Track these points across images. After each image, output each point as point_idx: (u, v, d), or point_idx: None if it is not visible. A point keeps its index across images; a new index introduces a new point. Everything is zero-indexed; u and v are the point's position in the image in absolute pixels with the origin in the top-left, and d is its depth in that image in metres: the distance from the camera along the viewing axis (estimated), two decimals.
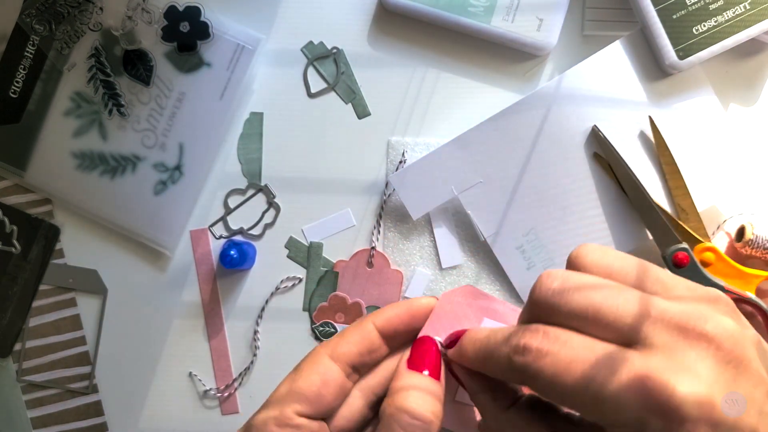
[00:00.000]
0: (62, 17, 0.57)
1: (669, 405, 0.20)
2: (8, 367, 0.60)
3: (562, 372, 0.22)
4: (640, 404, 0.20)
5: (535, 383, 0.23)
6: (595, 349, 0.22)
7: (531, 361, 0.23)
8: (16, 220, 0.59)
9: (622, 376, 0.21)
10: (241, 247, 0.56)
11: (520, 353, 0.23)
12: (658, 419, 0.20)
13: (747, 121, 0.57)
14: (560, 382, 0.22)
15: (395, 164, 0.57)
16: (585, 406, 0.22)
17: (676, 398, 0.20)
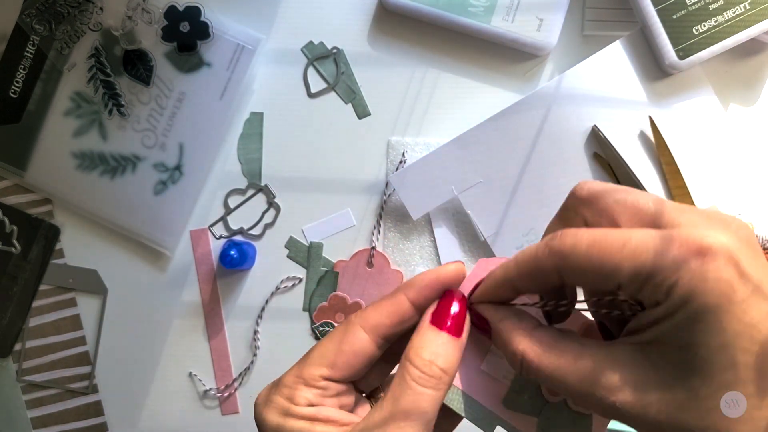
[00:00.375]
0: (62, 17, 0.57)
1: (704, 245, 0.22)
2: (8, 367, 0.60)
3: (600, 243, 0.24)
4: (677, 248, 0.23)
5: (573, 261, 0.24)
6: (629, 229, 0.24)
7: (568, 240, 0.25)
8: (16, 220, 0.59)
9: (655, 233, 0.23)
10: (241, 247, 0.56)
11: (556, 238, 0.25)
12: (693, 259, 0.22)
13: (747, 121, 0.57)
14: (598, 251, 0.24)
15: (395, 164, 0.57)
16: (621, 271, 0.23)
17: (709, 241, 0.23)
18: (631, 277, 0.23)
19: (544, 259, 0.25)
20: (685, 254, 0.23)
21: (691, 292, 0.22)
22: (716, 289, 0.22)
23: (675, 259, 0.23)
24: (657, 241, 0.23)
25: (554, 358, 0.25)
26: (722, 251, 0.22)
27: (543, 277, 0.26)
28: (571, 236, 0.25)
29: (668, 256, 0.23)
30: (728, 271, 0.22)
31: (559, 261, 0.25)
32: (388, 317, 0.30)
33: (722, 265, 0.22)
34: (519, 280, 0.27)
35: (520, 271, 0.27)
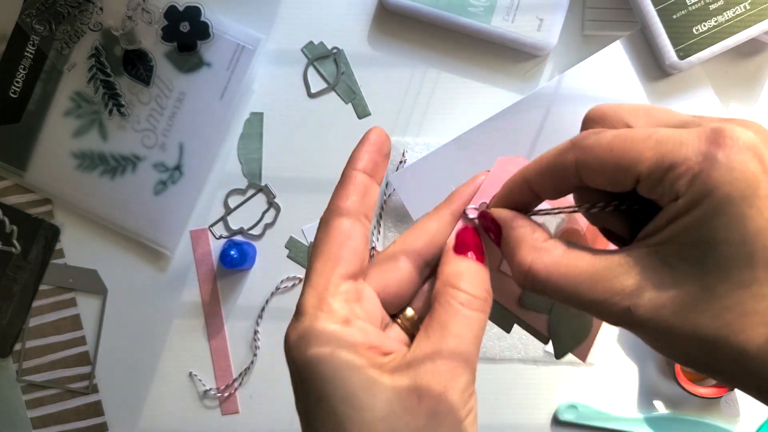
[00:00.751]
0: (62, 17, 0.57)
1: (731, 138, 0.22)
2: (8, 367, 0.60)
3: (624, 135, 0.24)
4: (702, 139, 0.22)
5: (595, 153, 0.24)
6: (655, 128, 0.24)
7: (592, 136, 0.24)
8: (16, 220, 0.59)
9: (681, 129, 0.23)
10: (241, 247, 0.56)
11: (580, 137, 0.25)
12: (719, 150, 0.22)
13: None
14: (621, 141, 0.24)
15: (395, 164, 0.57)
16: (642, 161, 0.23)
17: (736, 135, 0.22)
18: (652, 168, 0.23)
19: (565, 154, 0.25)
20: (711, 145, 0.22)
21: (716, 182, 0.22)
22: (742, 180, 0.21)
23: (700, 149, 0.22)
24: (683, 133, 0.23)
25: (564, 270, 0.25)
26: (748, 144, 0.22)
27: (562, 175, 0.25)
28: (595, 132, 0.24)
29: (693, 145, 0.22)
30: (754, 164, 0.22)
31: (581, 154, 0.24)
32: (357, 195, 0.30)
33: (749, 157, 0.22)
34: (538, 179, 0.27)
35: (540, 169, 0.26)
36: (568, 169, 0.25)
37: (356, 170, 0.31)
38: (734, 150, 0.22)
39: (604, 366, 0.58)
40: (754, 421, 0.57)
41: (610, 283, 0.24)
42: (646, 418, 0.57)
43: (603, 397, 0.58)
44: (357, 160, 0.31)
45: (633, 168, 0.23)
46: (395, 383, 0.25)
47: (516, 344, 0.58)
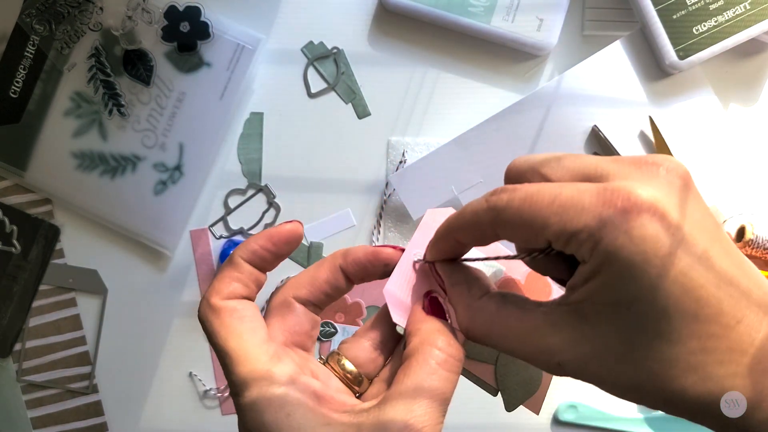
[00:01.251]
0: (62, 17, 0.57)
1: (629, 201, 0.22)
2: (8, 367, 0.60)
3: (532, 197, 0.24)
4: (600, 205, 0.23)
5: (506, 216, 0.25)
6: (562, 184, 0.25)
7: (505, 195, 0.25)
8: (16, 220, 0.59)
9: (584, 188, 0.23)
10: None
11: (495, 194, 0.26)
12: (617, 216, 0.23)
13: (747, 121, 0.57)
14: (529, 206, 0.24)
15: (395, 164, 0.57)
16: (548, 227, 0.24)
17: (634, 196, 0.23)
18: (557, 234, 0.23)
19: (482, 214, 0.26)
20: (609, 211, 0.22)
21: (615, 250, 0.22)
22: (640, 245, 0.22)
23: (600, 217, 0.23)
24: (584, 196, 0.23)
25: (498, 329, 0.26)
26: (647, 205, 0.22)
27: (481, 231, 0.26)
28: (508, 191, 0.25)
29: (593, 210, 0.23)
30: (653, 226, 0.22)
31: (495, 216, 0.25)
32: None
33: (647, 221, 0.22)
34: (461, 233, 0.28)
35: (461, 225, 0.27)
36: (486, 228, 0.26)
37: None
38: (632, 215, 0.22)
39: None
40: None
41: (538, 342, 0.25)
42: (646, 418, 0.57)
43: (603, 397, 0.58)
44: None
45: (541, 234, 0.24)
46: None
47: None
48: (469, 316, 0.27)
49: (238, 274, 0.30)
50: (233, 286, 0.30)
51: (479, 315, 0.27)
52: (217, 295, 0.29)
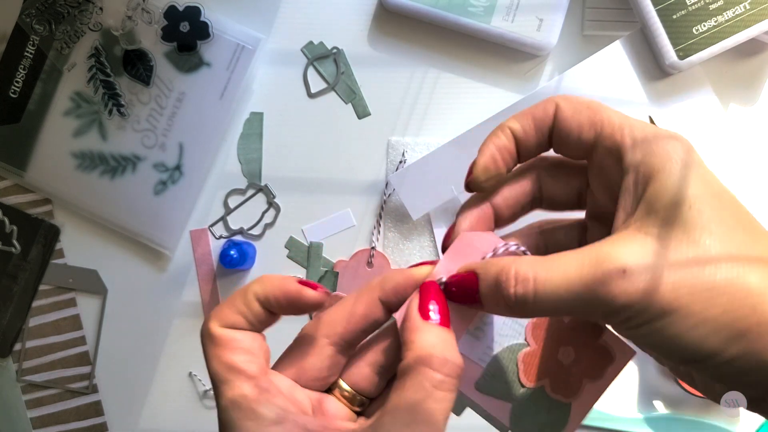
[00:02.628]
0: (62, 17, 0.57)
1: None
2: (8, 367, 0.60)
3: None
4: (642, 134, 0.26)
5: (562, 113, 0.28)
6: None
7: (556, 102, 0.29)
8: (16, 220, 0.59)
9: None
10: (241, 247, 0.56)
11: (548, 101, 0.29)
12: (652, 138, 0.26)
13: (747, 121, 0.57)
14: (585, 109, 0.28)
15: (395, 164, 0.57)
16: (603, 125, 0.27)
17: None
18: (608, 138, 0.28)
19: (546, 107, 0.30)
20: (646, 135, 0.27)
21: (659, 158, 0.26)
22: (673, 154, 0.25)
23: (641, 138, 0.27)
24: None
25: (557, 271, 0.24)
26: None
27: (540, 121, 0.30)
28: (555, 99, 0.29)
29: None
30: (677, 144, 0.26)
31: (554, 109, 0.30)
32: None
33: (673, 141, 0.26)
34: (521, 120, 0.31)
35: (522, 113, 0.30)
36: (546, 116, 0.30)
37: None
38: (662, 138, 0.26)
39: None
40: (754, 421, 0.57)
41: (601, 261, 0.24)
42: (646, 418, 0.57)
43: (603, 397, 0.58)
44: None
45: (591, 132, 0.28)
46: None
47: None
48: (530, 267, 0.25)
49: (246, 310, 0.29)
50: (236, 318, 0.28)
51: (538, 263, 0.25)
52: (218, 322, 0.28)
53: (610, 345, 0.28)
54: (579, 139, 0.28)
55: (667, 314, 0.23)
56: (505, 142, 0.29)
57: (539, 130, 0.29)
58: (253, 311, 0.28)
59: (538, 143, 0.29)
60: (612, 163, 0.27)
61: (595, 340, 0.28)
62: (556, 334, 0.28)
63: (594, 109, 0.28)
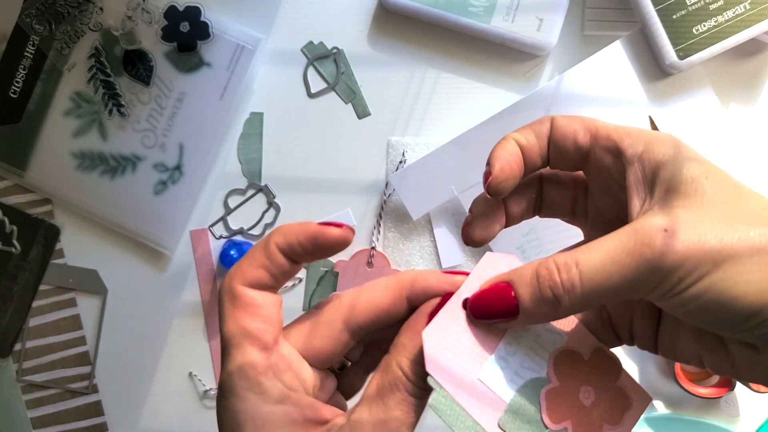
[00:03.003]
0: (62, 17, 0.57)
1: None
2: (8, 367, 0.60)
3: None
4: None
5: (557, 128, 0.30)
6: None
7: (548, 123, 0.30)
8: (16, 220, 0.59)
9: None
10: (241, 247, 0.56)
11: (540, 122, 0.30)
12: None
13: (747, 121, 0.57)
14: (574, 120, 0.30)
15: (395, 164, 0.57)
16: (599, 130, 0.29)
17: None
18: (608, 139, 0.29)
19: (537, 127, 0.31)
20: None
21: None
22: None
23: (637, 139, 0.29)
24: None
25: (599, 251, 0.24)
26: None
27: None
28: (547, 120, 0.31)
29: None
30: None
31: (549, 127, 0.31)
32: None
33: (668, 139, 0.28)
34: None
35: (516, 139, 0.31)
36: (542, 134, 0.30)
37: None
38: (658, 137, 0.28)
39: None
40: (754, 421, 0.57)
41: (641, 231, 0.24)
42: (646, 418, 0.57)
43: None
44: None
45: (584, 138, 0.30)
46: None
47: None
48: (572, 257, 0.24)
49: (268, 262, 0.28)
50: (260, 273, 0.28)
51: (579, 254, 0.24)
52: (242, 279, 0.28)
53: (627, 389, 0.27)
54: (575, 143, 0.29)
55: (719, 265, 0.23)
56: (514, 149, 0.29)
57: (540, 140, 0.30)
58: (276, 263, 0.28)
59: (541, 154, 0.30)
60: (611, 161, 0.28)
61: (613, 381, 0.27)
62: (577, 371, 0.27)
63: (586, 119, 0.30)
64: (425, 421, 0.59)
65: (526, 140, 0.30)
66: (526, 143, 0.30)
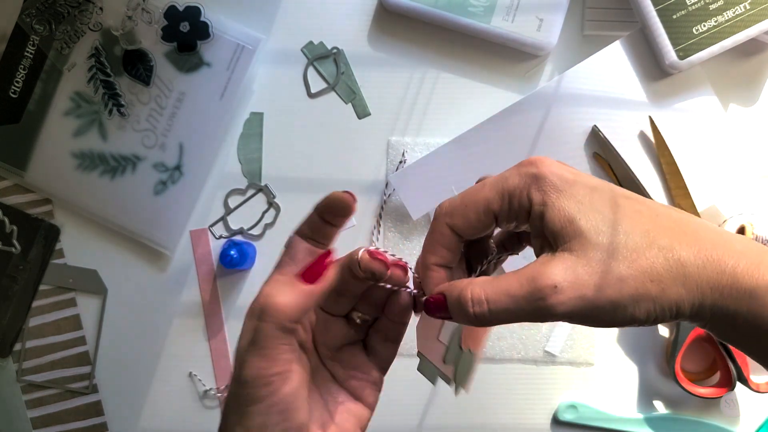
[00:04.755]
0: (62, 17, 0.57)
1: (537, 173, 0.31)
2: (8, 367, 0.60)
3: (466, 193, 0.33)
4: (516, 169, 0.31)
5: (456, 216, 0.34)
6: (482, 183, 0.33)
7: (446, 206, 0.34)
8: (16, 220, 0.59)
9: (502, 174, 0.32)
10: (241, 247, 0.56)
11: (437, 210, 0.35)
12: (535, 183, 0.30)
13: (747, 121, 0.57)
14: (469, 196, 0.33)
15: (395, 164, 0.57)
16: (492, 200, 0.32)
17: (541, 157, 0.31)
18: (499, 203, 0.32)
19: (438, 227, 0.35)
20: (525, 170, 0.31)
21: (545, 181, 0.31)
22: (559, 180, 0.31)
23: (519, 174, 0.32)
24: (505, 174, 0.32)
25: (502, 291, 0.30)
26: (553, 160, 0.32)
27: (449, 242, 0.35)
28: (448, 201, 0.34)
29: (515, 176, 0.31)
30: (564, 170, 0.31)
31: (449, 220, 0.34)
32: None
33: (557, 167, 0.31)
34: (435, 253, 0.35)
35: (431, 244, 0.35)
36: (446, 235, 0.34)
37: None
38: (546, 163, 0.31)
39: (604, 366, 0.58)
40: (754, 421, 0.57)
41: (536, 280, 0.29)
42: (646, 418, 0.57)
43: (603, 397, 0.58)
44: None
45: (489, 210, 0.32)
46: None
47: (516, 344, 0.58)
48: (480, 291, 0.30)
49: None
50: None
51: (487, 288, 0.30)
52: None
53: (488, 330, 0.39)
54: (478, 224, 0.33)
55: (598, 308, 0.28)
56: (440, 275, 0.35)
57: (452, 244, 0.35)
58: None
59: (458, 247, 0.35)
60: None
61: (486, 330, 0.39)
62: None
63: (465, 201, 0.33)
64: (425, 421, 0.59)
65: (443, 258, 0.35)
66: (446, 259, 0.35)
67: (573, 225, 0.29)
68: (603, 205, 0.30)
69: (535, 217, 0.30)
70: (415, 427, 0.58)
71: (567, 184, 0.30)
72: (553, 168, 0.30)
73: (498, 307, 0.30)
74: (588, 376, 0.58)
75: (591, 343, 0.57)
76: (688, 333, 0.55)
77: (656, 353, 0.58)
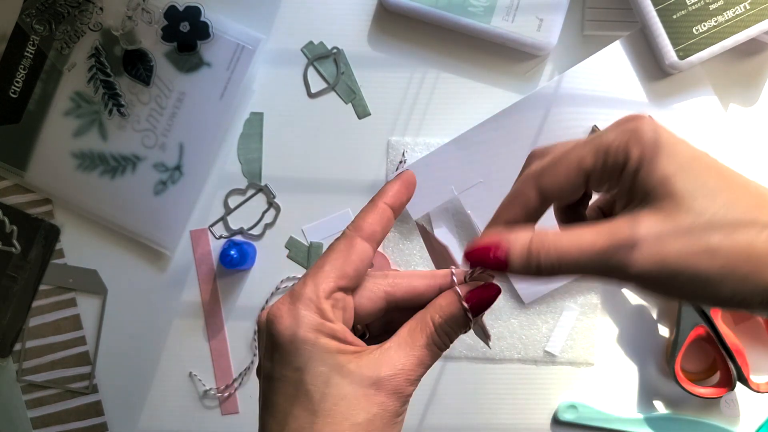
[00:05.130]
0: (62, 17, 0.57)
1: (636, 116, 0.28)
2: (8, 367, 0.60)
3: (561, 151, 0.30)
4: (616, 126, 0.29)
5: (547, 176, 0.31)
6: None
7: (534, 160, 0.32)
8: (16, 220, 0.59)
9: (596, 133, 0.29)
10: (241, 247, 0.56)
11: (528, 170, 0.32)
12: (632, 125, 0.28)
13: (747, 121, 0.57)
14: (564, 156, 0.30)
15: (395, 164, 0.57)
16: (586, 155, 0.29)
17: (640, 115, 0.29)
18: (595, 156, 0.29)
19: (526, 183, 0.31)
20: (626, 126, 0.28)
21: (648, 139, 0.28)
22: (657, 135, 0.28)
23: (621, 129, 0.28)
24: (602, 132, 0.29)
25: (574, 242, 0.28)
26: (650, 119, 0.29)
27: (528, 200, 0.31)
28: (538, 155, 0.32)
29: (614, 131, 0.28)
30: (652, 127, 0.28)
31: (537, 180, 0.31)
32: (379, 224, 0.33)
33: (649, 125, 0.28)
34: (511, 211, 0.33)
35: (510, 201, 0.33)
36: (531, 198, 0.31)
37: (385, 203, 0.33)
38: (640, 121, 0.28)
39: (604, 366, 0.58)
40: (754, 421, 0.57)
41: (615, 235, 0.27)
42: (646, 418, 0.57)
43: (603, 397, 0.58)
44: (388, 194, 0.34)
45: (581, 168, 0.29)
46: (361, 371, 0.29)
47: (516, 344, 0.58)
48: (554, 241, 0.28)
49: (380, 218, 0.33)
50: (372, 226, 0.33)
51: (557, 233, 0.28)
52: (361, 232, 0.32)
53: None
54: (574, 183, 0.30)
55: (677, 275, 0.26)
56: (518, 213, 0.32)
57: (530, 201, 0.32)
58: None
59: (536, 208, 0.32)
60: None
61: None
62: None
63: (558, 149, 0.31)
64: (425, 421, 0.59)
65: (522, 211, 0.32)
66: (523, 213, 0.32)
67: (669, 185, 0.26)
68: (706, 171, 0.27)
69: (628, 174, 0.28)
70: (415, 427, 0.58)
71: (669, 143, 0.27)
72: (656, 125, 0.28)
73: (568, 258, 0.27)
74: (588, 376, 0.58)
75: (591, 343, 0.57)
76: (688, 333, 0.55)
77: (656, 353, 0.58)
